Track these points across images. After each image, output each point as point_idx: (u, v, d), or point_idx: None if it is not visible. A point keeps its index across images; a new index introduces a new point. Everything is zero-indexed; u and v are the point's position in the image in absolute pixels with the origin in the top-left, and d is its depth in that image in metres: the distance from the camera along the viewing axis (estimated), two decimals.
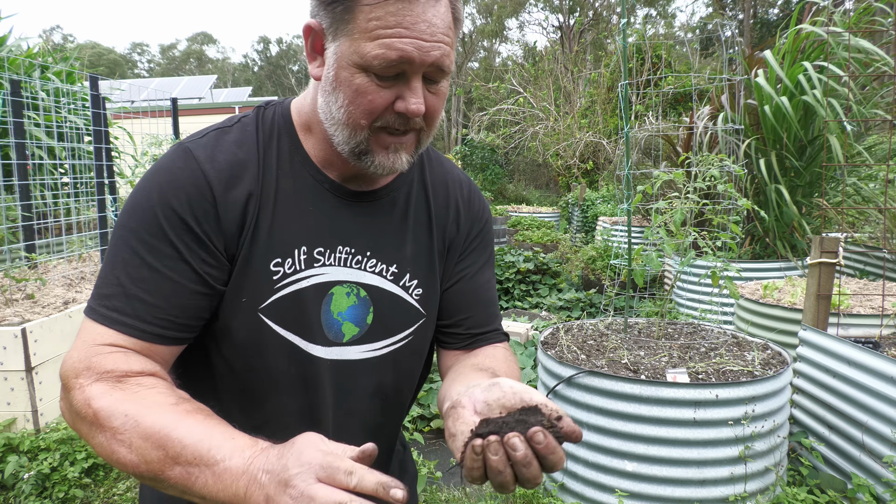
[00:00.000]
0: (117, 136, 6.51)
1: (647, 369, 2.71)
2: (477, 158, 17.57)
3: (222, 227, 0.95)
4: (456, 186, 1.19)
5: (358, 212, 1.06)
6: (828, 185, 5.48)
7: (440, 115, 1.01)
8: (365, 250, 1.06)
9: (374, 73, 0.89)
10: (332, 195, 1.03)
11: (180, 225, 0.92)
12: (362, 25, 0.88)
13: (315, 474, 0.69)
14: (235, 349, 0.99)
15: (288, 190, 1.00)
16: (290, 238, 1.00)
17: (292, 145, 1.03)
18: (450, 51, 0.93)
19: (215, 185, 0.94)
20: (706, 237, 3.15)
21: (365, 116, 0.93)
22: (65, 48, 11.19)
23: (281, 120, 1.05)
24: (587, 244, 9.05)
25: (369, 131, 0.94)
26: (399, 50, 0.87)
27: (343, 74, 0.91)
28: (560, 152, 13.97)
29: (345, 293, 1.05)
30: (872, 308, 3.55)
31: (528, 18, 35.35)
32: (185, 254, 0.92)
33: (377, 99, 0.91)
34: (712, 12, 30.78)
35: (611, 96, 13.79)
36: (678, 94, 10.86)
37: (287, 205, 1.00)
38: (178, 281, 0.92)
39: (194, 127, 1.27)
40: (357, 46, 0.89)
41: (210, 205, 0.94)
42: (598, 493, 2.59)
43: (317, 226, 1.02)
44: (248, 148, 0.99)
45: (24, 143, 4.39)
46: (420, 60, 0.89)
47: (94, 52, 41.79)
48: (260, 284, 0.97)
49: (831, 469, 2.73)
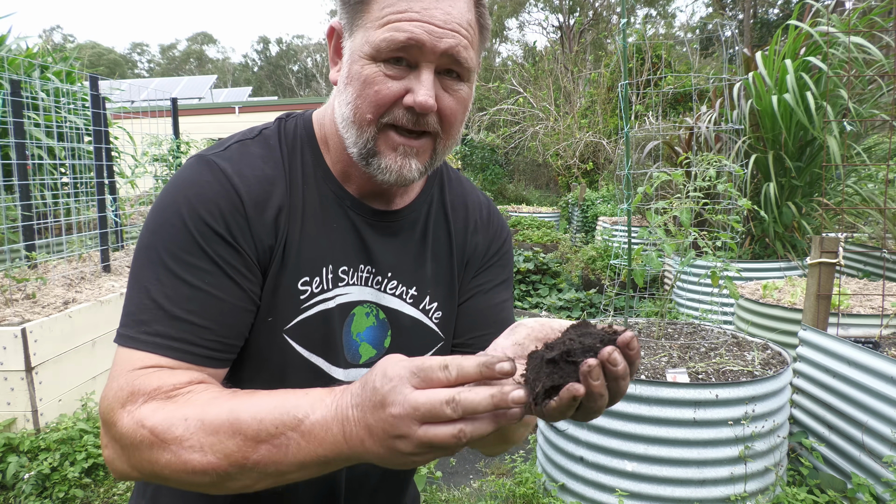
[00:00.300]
0: (117, 136, 6.51)
1: (647, 369, 2.71)
2: (477, 158, 17.57)
3: (256, 243, 0.90)
4: (476, 208, 1.15)
5: (379, 231, 1.02)
6: (827, 185, 5.47)
7: (460, 123, 0.95)
8: (386, 271, 1.02)
9: (382, 63, 0.86)
10: (354, 212, 0.99)
11: (217, 239, 0.87)
12: (375, 14, 0.86)
13: (409, 382, 0.64)
14: (258, 370, 0.94)
15: (314, 205, 0.96)
16: (319, 256, 0.96)
17: (315, 159, 0.99)
18: (468, 44, 0.88)
19: (247, 201, 0.89)
20: (706, 237, 3.15)
21: (371, 109, 0.88)
22: (65, 48, 11.19)
23: (303, 132, 1.01)
24: (587, 244, 9.05)
25: (376, 128, 0.89)
26: (408, 32, 0.83)
27: (354, 68, 0.88)
28: (560, 152, 13.97)
29: (364, 313, 1.01)
30: (872, 308, 3.55)
31: (528, 18, 35.37)
32: (226, 269, 0.87)
33: (384, 90, 0.86)
34: (712, 12, 30.78)
35: (611, 96, 13.78)
36: (678, 94, 10.86)
37: (314, 221, 0.96)
38: (224, 299, 0.86)
39: (194, 127, 1.27)
40: (368, 36, 0.86)
41: (243, 219, 0.89)
42: (598, 493, 2.59)
43: (342, 243, 0.98)
44: (274, 163, 0.95)
45: (24, 143, 4.39)
46: (431, 45, 0.84)
47: (93, 52, 41.79)
48: (287, 304, 0.93)
49: (831, 469, 2.73)
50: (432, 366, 0.64)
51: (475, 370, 0.63)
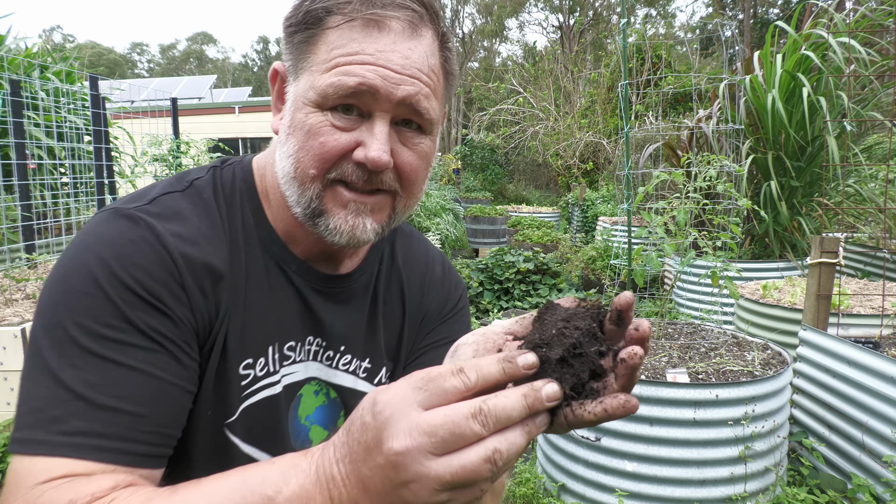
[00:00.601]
0: (117, 136, 6.51)
1: (647, 369, 2.71)
2: (477, 158, 17.57)
3: (195, 316, 0.75)
4: (430, 264, 1.04)
5: (329, 299, 0.90)
6: (827, 185, 5.48)
7: (422, 180, 0.83)
8: (338, 344, 0.91)
9: (330, 111, 0.75)
10: (301, 278, 0.87)
11: (146, 307, 0.70)
12: (322, 56, 0.75)
13: (414, 402, 0.50)
14: (190, 470, 0.78)
15: (258, 273, 0.83)
16: (264, 333, 0.83)
17: (256, 216, 0.85)
18: (430, 93, 0.77)
19: (183, 266, 0.74)
20: (706, 237, 3.15)
21: (315, 164, 0.76)
22: (64, 48, 11.19)
23: (242, 184, 0.87)
24: (587, 244, 9.05)
25: (321, 184, 0.77)
26: (359, 77, 0.73)
27: (297, 116, 0.77)
28: (560, 152, 13.97)
29: (313, 392, 0.90)
30: (872, 308, 3.55)
31: (528, 18, 35.40)
32: (162, 342, 0.71)
33: (330, 142, 0.75)
34: (712, 12, 30.79)
35: (611, 96, 13.79)
36: (678, 94, 10.86)
37: (258, 292, 0.83)
38: (163, 378, 0.70)
39: (194, 127, 1.25)
40: (314, 80, 0.75)
41: (179, 288, 0.73)
42: (598, 493, 2.59)
43: (288, 315, 0.86)
44: (211, 222, 0.81)
45: (24, 143, 4.39)
46: (386, 93, 0.73)
47: (93, 52, 41.80)
48: (229, 393, 0.80)
49: (831, 469, 2.73)
50: (442, 373, 0.51)
51: (497, 369, 0.51)
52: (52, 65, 6.12)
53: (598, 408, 0.52)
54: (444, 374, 0.51)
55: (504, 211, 11.05)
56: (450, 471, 0.48)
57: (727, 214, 3.27)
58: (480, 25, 35.65)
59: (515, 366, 0.52)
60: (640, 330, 0.53)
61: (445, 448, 0.48)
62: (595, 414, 0.51)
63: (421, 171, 0.82)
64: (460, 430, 0.48)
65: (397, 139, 0.78)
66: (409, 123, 0.79)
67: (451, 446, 0.48)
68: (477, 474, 0.48)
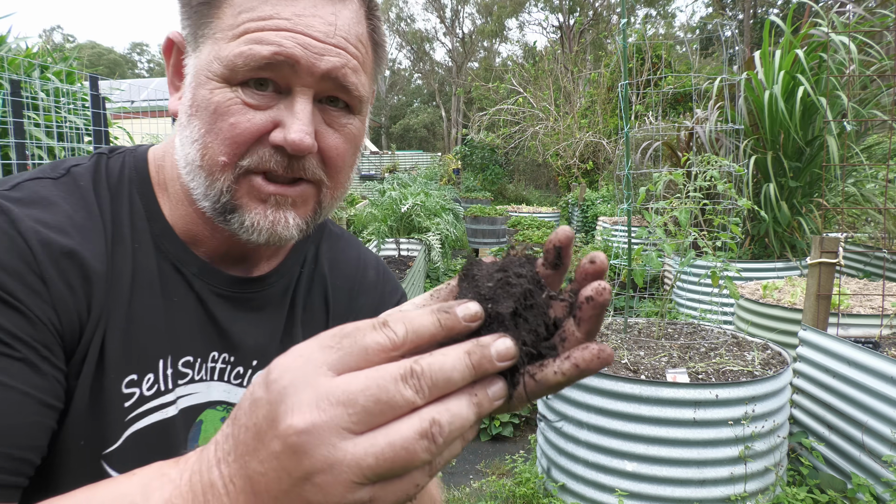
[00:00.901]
0: (117, 136, 6.51)
1: (647, 369, 2.71)
2: (477, 158, 17.58)
3: (60, 315, 0.62)
4: (361, 267, 0.91)
5: (238, 306, 0.77)
6: (826, 185, 5.48)
7: (350, 167, 0.73)
8: (250, 359, 0.77)
9: (240, 87, 0.64)
10: (202, 282, 0.74)
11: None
12: (228, 21, 0.64)
13: (322, 365, 0.37)
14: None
15: (148, 274, 0.70)
16: (153, 345, 0.69)
17: (149, 211, 0.73)
18: (358, 66, 0.67)
19: (42, 256, 0.61)
20: (706, 237, 3.15)
21: (226, 150, 0.65)
22: (64, 48, 11.20)
23: (133, 174, 0.74)
24: (587, 244, 9.05)
25: (234, 174, 0.66)
26: (274, 45, 0.62)
27: (200, 93, 0.65)
28: (560, 152, 13.97)
29: (219, 418, 0.75)
30: (872, 308, 3.55)
31: (527, 18, 35.42)
32: (11, 343, 0.57)
33: (242, 122, 0.64)
34: (712, 12, 30.79)
35: (611, 96, 13.79)
36: (678, 94, 10.86)
37: (147, 295, 0.70)
38: (10, 386, 0.55)
39: None
40: (219, 50, 0.64)
41: (37, 280, 0.60)
42: (598, 493, 2.59)
43: (184, 326, 0.72)
44: (87, 212, 0.68)
45: (24, 143, 4.40)
46: (308, 64, 0.63)
47: (93, 52, 41.83)
48: (107, 416, 0.65)
49: (831, 469, 2.73)
50: (360, 328, 0.39)
51: (431, 321, 0.39)
52: (52, 65, 6.12)
53: (566, 364, 0.41)
54: (362, 328, 0.39)
55: (504, 211, 11.06)
56: (374, 451, 0.35)
57: (727, 214, 3.27)
58: (480, 25, 35.66)
59: (454, 317, 0.39)
60: (598, 262, 0.42)
61: (368, 422, 0.36)
62: (563, 372, 0.40)
63: (349, 156, 0.71)
64: (388, 398, 0.36)
65: (321, 119, 0.68)
66: (335, 101, 0.69)
67: (376, 420, 0.36)
68: (410, 455, 0.36)
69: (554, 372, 0.40)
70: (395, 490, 0.37)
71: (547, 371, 0.41)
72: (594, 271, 0.42)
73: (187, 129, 0.67)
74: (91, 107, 4.73)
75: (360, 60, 0.68)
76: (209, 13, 0.65)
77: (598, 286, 0.41)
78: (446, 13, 35.63)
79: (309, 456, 0.36)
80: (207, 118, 0.65)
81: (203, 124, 0.65)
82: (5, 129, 4.71)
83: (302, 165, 0.67)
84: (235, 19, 0.64)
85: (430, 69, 39.18)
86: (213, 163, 0.66)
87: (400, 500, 0.38)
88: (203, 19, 0.66)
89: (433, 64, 39.82)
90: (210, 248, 0.75)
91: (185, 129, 0.67)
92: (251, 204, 0.68)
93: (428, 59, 39.24)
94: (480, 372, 0.38)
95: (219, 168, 0.66)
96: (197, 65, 0.66)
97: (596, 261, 0.42)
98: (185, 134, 0.67)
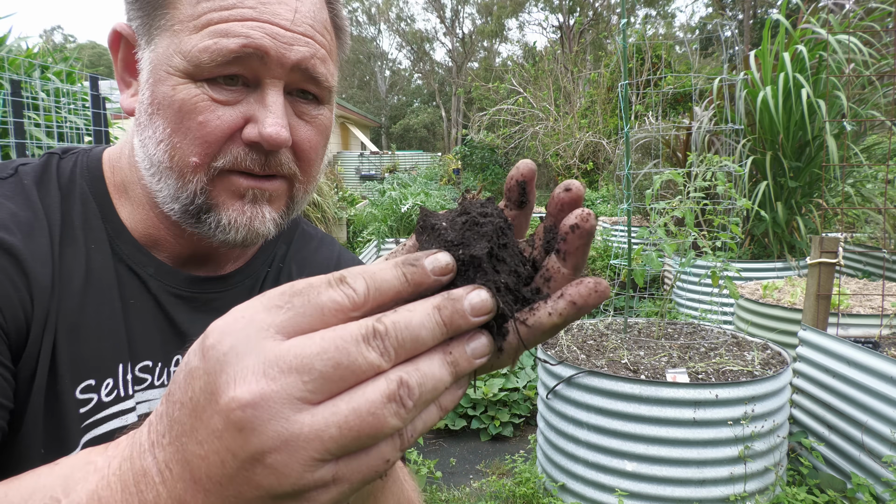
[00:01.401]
0: (117, 136, 6.52)
1: (647, 369, 2.72)
2: (477, 158, 17.58)
3: (4, 316, 0.60)
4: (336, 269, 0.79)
5: (197, 308, 0.73)
6: (826, 185, 5.48)
7: (321, 159, 0.71)
8: None
9: (206, 81, 0.61)
10: (158, 282, 0.71)
11: None
12: (187, 11, 0.61)
13: (271, 328, 0.32)
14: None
15: (102, 277, 0.68)
16: (109, 349, 0.67)
17: (103, 211, 0.70)
18: (325, 55, 0.66)
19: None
20: (706, 237, 3.15)
21: (197, 150, 0.62)
22: (65, 48, 11.21)
23: (86, 174, 0.72)
24: None
25: (207, 175, 0.64)
26: (241, 38, 0.60)
27: (162, 90, 0.62)
28: (560, 152, 13.98)
29: None
30: (872, 308, 3.56)
31: (527, 18, 35.43)
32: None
33: (212, 119, 0.62)
34: (712, 12, 30.80)
35: (611, 96, 13.79)
36: (678, 94, 10.87)
37: (100, 299, 0.67)
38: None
39: None
40: (179, 43, 0.61)
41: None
42: (598, 493, 2.60)
43: (141, 329, 0.70)
44: (33, 212, 0.66)
45: (25, 143, 4.40)
46: (277, 55, 0.61)
47: (94, 53, 41.85)
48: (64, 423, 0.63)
49: (831, 469, 2.73)
50: (314, 284, 0.33)
51: (395, 274, 0.34)
52: (52, 65, 6.12)
53: (561, 303, 0.36)
54: (316, 285, 0.33)
55: None
56: (336, 421, 0.30)
57: (727, 214, 3.28)
58: (480, 25, 35.68)
59: (422, 270, 0.34)
60: (574, 188, 0.38)
61: (326, 390, 0.31)
62: (560, 312, 0.36)
63: (320, 148, 0.70)
64: (349, 362, 0.31)
65: (292, 112, 0.66)
66: (305, 94, 0.67)
67: (336, 387, 0.31)
68: (378, 422, 0.31)
69: (549, 314, 0.37)
70: (361, 466, 0.32)
71: (540, 314, 0.37)
72: (570, 199, 0.38)
73: (149, 128, 0.64)
74: (91, 107, 4.73)
75: (328, 49, 0.67)
76: (163, 3, 0.63)
77: (582, 212, 0.37)
78: (446, 13, 35.64)
79: (258, 433, 0.30)
80: (172, 117, 0.62)
81: (168, 124, 0.62)
82: (6, 129, 4.72)
83: (278, 160, 0.65)
84: (195, 9, 0.61)
85: (430, 69, 39.18)
86: (184, 164, 0.63)
87: (367, 478, 0.32)
88: (157, 10, 0.63)
89: (433, 64, 39.81)
90: (172, 251, 0.72)
91: (147, 129, 0.65)
92: (228, 202, 0.65)
93: (428, 59, 39.24)
94: (453, 329, 0.34)
95: (190, 169, 0.63)
96: (154, 59, 0.63)
97: (571, 188, 0.38)
98: (148, 134, 0.65)
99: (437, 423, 0.35)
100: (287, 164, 0.66)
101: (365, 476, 0.32)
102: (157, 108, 0.63)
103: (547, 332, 0.37)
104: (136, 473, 0.35)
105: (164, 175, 0.64)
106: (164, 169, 0.64)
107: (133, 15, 0.65)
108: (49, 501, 0.37)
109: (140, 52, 0.66)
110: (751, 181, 5.40)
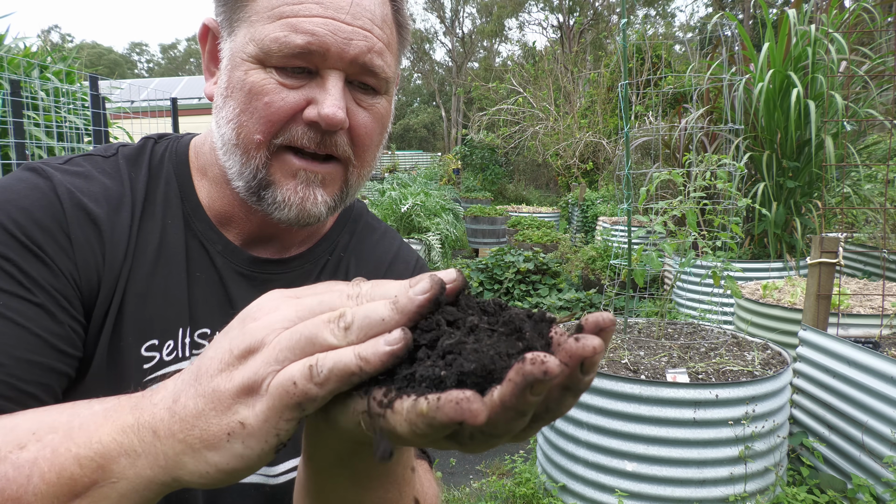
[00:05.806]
0: (117, 136, 6.51)
1: (647, 369, 2.71)
2: (477, 158, 17.57)
3: (80, 272, 0.68)
4: (395, 262, 0.90)
5: (257, 287, 0.79)
6: (825, 185, 5.48)
7: (377, 146, 0.76)
8: None
9: (274, 68, 0.67)
10: (227, 261, 0.78)
11: (20, 250, 0.64)
12: (263, 4, 0.68)
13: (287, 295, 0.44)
14: None
15: (174, 249, 0.75)
16: (172, 313, 0.74)
17: (183, 190, 0.78)
18: (384, 48, 0.70)
19: (71, 216, 0.68)
20: (705, 237, 3.15)
21: (261, 127, 0.68)
22: (64, 48, 11.20)
23: (173, 157, 0.80)
24: (587, 244, 9.05)
25: (268, 151, 0.70)
26: (307, 32, 0.65)
27: (236, 75, 0.69)
28: (560, 152, 13.97)
29: None
30: (872, 308, 3.55)
31: (527, 18, 35.42)
32: (31, 288, 0.63)
33: (277, 101, 0.67)
34: (712, 12, 30.81)
35: (611, 96, 13.79)
36: (678, 94, 10.87)
37: (171, 267, 0.74)
38: (23, 325, 0.61)
39: (194, 127, 1.25)
40: (254, 32, 0.67)
41: (64, 237, 0.67)
42: (598, 493, 2.59)
43: (203, 300, 0.76)
44: (122, 187, 0.74)
45: (24, 143, 4.39)
46: (338, 50, 0.67)
47: (93, 52, 41.83)
48: (125, 376, 0.70)
49: (831, 469, 2.73)
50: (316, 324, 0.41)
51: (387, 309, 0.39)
52: (51, 65, 6.12)
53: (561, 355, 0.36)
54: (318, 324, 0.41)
55: (504, 211, 11.05)
56: (289, 334, 0.40)
57: (727, 214, 3.27)
58: (480, 25, 35.67)
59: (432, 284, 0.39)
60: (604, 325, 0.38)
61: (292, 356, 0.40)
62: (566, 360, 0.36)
63: (376, 135, 0.74)
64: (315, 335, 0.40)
65: (351, 98, 0.71)
66: (364, 85, 0.72)
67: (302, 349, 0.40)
68: (315, 327, 0.39)
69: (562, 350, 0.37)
70: (293, 369, 0.40)
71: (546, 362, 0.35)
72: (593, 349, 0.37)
73: (223, 110, 0.71)
74: (91, 107, 4.73)
75: (386, 42, 0.71)
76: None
77: (538, 360, 0.34)
78: (446, 13, 35.64)
79: (251, 332, 0.42)
80: (242, 98, 0.68)
81: (238, 104, 0.69)
82: (5, 128, 4.71)
83: (333, 141, 0.70)
84: (270, 2, 0.67)
85: (430, 69, 39.18)
86: (249, 141, 0.69)
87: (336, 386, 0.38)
88: (237, 4, 0.70)
89: (433, 64, 39.82)
90: (243, 229, 0.79)
91: (221, 111, 0.71)
92: (283, 180, 0.71)
93: (428, 59, 39.24)
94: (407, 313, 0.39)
95: (254, 146, 0.69)
96: (232, 48, 0.70)
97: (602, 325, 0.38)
98: (221, 115, 0.71)
99: (353, 369, 0.38)
100: (342, 146, 0.71)
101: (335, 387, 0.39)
102: (231, 91, 0.70)
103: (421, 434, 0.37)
104: (150, 390, 0.46)
105: (232, 152, 0.71)
106: (232, 146, 0.71)
107: (218, 10, 0.72)
108: (60, 412, 0.47)
109: (222, 42, 0.73)
110: (749, 181, 5.40)
